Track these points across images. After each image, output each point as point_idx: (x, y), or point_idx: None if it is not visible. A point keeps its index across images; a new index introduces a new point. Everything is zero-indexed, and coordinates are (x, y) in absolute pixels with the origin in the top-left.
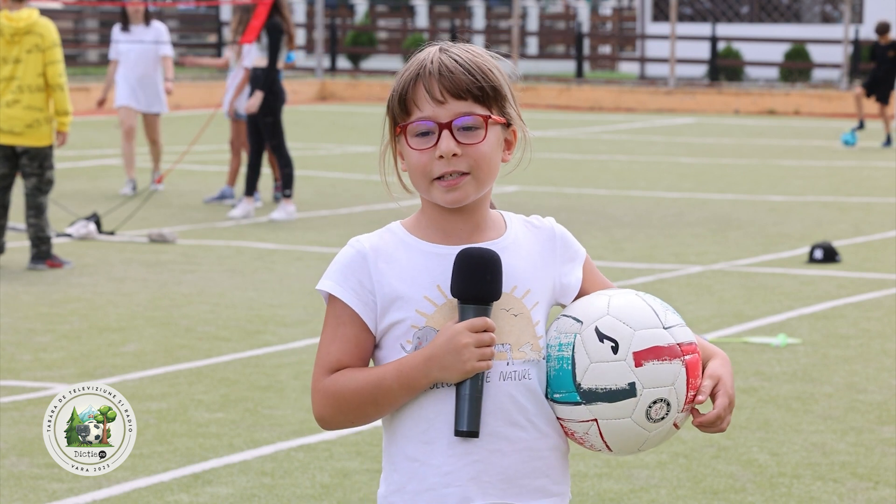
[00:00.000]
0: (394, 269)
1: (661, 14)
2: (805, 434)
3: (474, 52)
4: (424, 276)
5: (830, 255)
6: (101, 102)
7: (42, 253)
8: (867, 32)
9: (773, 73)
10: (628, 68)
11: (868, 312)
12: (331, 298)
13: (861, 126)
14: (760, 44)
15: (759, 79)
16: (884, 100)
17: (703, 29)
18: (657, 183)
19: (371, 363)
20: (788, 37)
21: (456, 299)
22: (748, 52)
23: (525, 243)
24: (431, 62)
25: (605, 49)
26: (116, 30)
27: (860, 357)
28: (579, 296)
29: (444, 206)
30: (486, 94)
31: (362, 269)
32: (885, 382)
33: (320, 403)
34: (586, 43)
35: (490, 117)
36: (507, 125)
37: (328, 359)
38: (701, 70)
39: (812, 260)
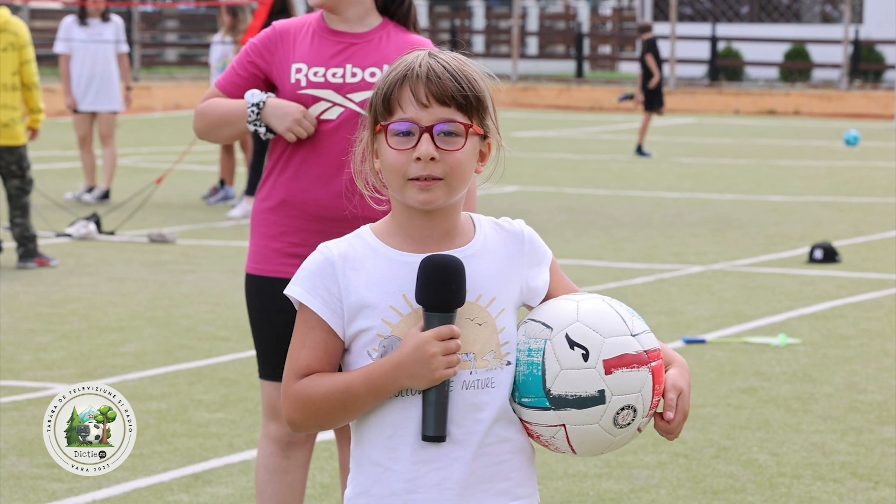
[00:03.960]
0: (361, 277)
1: (661, 14)
2: (805, 434)
3: (462, 60)
4: (390, 285)
5: (830, 255)
6: (74, 107)
7: (30, 251)
8: (867, 32)
9: (773, 73)
10: (628, 68)
11: (868, 312)
12: (300, 304)
13: (640, 150)
14: (760, 44)
15: (759, 79)
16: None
17: (703, 29)
18: (657, 183)
19: (340, 366)
20: (788, 37)
21: (421, 307)
22: (748, 52)
23: (493, 248)
24: (419, 65)
25: (605, 49)
26: (69, 24)
27: (860, 357)
28: (546, 297)
29: (414, 209)
30: (470, 103)
31: (330, 277)
32: (885, 382)
33: (290, 408)
34: (586, 43)
35: (471, 126)
36: (484, 137)
37: (298, 364)
38: (701, 70)
39: (812, 260)
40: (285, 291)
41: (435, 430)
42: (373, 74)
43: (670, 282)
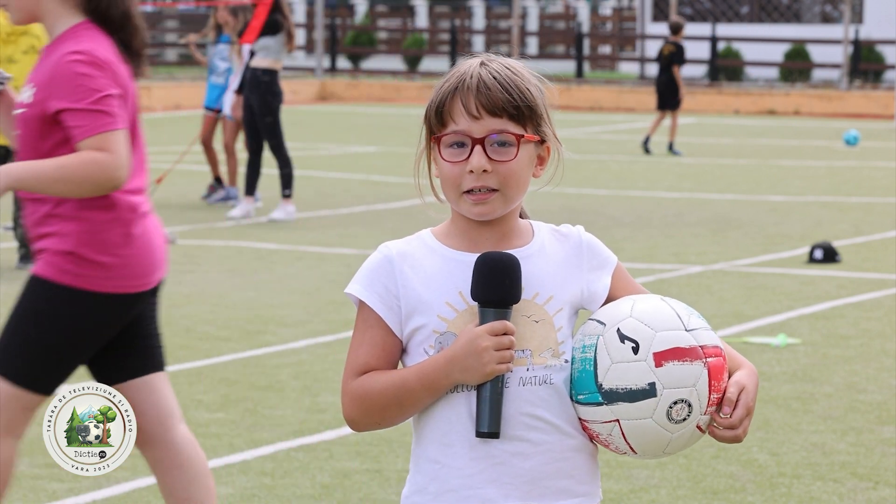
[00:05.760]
0: (418, 275)
1: (661, 14)
2: (805, 434)
3: (514, 68)
4: (447, 282)
5: (830, 255)
6: None
7: (31, 252)
8: (867, 32)
9: (773, 73)
10: (628, 68)
11: (868, 312)
12: (360, 302)
13: (646, 142)
14: (760, 44)
15: (759, 79)
16: (674, 106)
17: (703, 29)
18: (657, 183)
19: (400, 367)
20: (788, 37)
21: (476, 304)
22: (748, 52)
23: (551, 251)
24: (471, 77)
25: (605, 49)
26: None
27: (860, 357)
28: (608, 302)
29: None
30: (522, 113)
31: (388, 274)
32: (885, 382)
33: (349, 406)
34: (586, 43)
35: (523, 136)
36: (542, 142)
37: (357, 362)
38: (701, 70)
39: (812, 260)
40: (345, 290)
41: (489, 427)
42: (26, 94)
43: (670, 282)
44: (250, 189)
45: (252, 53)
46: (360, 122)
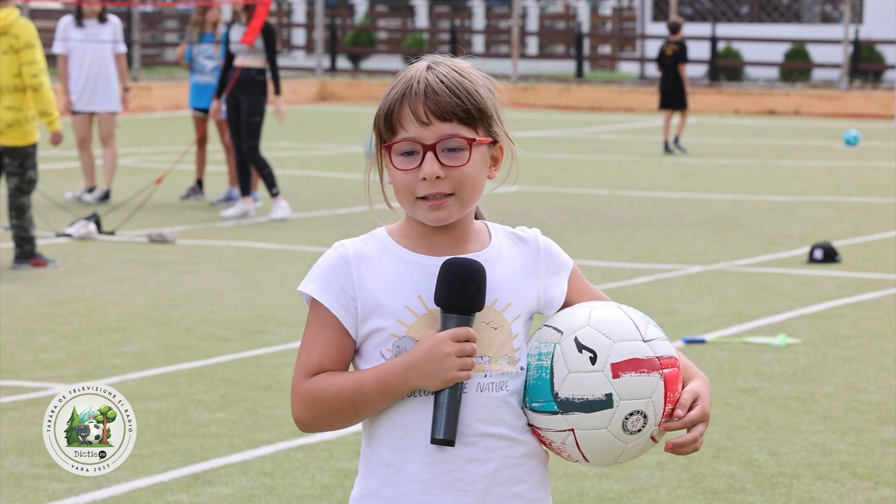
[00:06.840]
0: (376, 276)
1: (661, 14)
2: (805, 434)
3: (462, 71)
4: (406, 285)
5: (830, 255)
6: (70, 108)
7: (25, 252)
8: (867, 32)
9: (773, 73)
10: (628, 68)
11: (868, 312)
12: (313, 301)
13: (670, 147)
14: (760, 44)
15: (759, 79)
16: (682, 106)
17: (703, 29)
18: (657, 183)
19: (351, 369)
20: (788, 37)
21: (438, 309)
22: (748, 52)
23: (508, 256)
24: (418, 82)
25: (605, 49)
26: (66, 24)
27: (860, 357)
28: (565, 307)
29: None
30: (472, 116)
31: (345, 275)
32: (885, 382)
33: (299, 406)
34: (586, 43)
35: (475, 140)
36: (494, 142)
37: (309, 362)
38: (701, 70)
39: (812, 260)
40: (299, 288)
41: (445, 434)
42: None
43: (670, 282)
44: (245, 190)
45: (234, 54)
46: (360, 122)
